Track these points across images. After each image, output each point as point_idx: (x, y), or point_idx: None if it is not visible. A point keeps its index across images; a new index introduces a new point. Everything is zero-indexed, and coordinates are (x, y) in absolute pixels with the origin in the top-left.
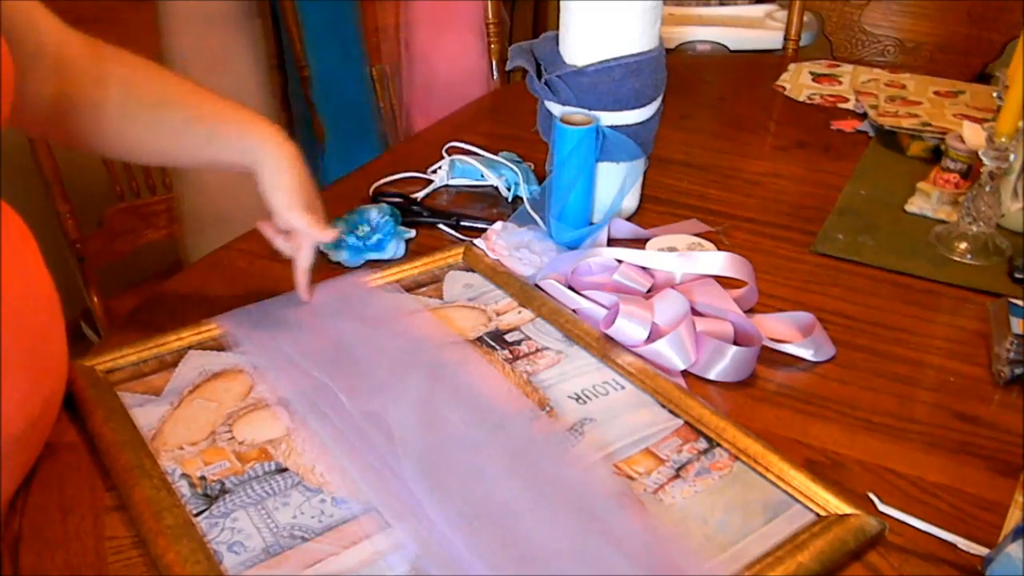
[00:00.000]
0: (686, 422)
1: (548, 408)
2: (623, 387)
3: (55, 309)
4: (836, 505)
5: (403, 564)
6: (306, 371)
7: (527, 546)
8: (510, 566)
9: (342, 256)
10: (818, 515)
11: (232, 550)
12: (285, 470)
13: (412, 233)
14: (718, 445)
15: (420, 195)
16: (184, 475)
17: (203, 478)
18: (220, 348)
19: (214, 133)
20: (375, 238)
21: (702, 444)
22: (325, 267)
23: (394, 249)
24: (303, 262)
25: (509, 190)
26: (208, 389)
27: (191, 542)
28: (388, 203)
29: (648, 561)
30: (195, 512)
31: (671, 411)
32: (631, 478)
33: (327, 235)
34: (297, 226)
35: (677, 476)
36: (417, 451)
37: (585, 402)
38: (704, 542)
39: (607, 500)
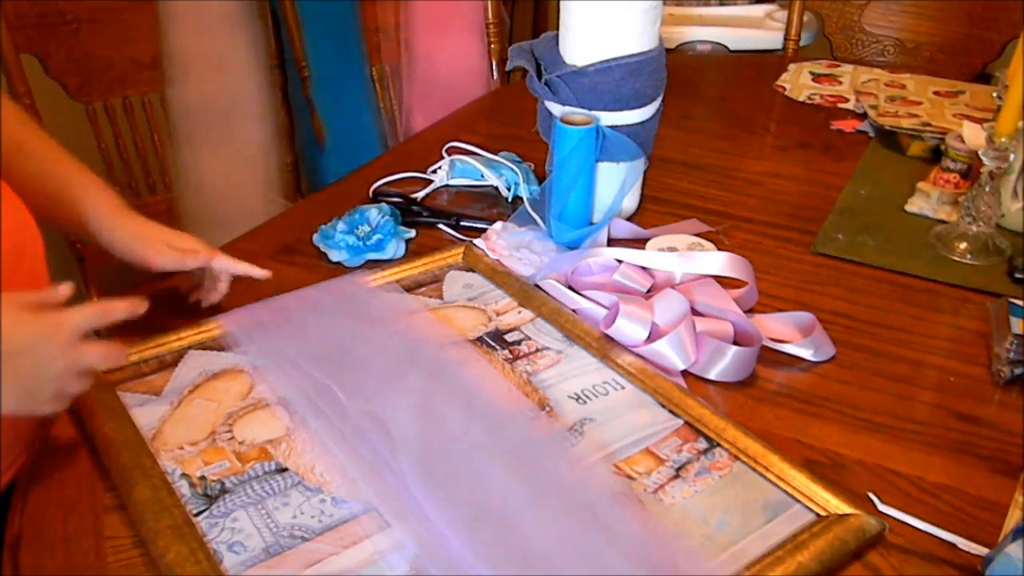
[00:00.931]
0: (686, 422)
1: (548, 408)
2: (623, 387)
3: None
4: (836, 505)
5: (403, 564)
6: (306, 371)
7: (527, 546)
8: (510, 566)
9: (342, 256)
10: (818, 515)
11: (232, 550)
12: (285, 470)
13: (412, 233)
14: (718, 445)
15: (420, 195)
16: (184, 475)
17: (203, 478)
18: (220, 348)
19: (61, 196)
20: (375, 238)
21: (702, 444)
22: (325, 267)
23: (394, 249)
24: (224, 281)
25: (509, 190)
26: (208, 389)
27: (191, 542)
28: (388, 203)
29: (648, 561)
30: (195, 512)
31: (671, 411)
32: (631, 478)
33: (209, 258)
34: (175, 267)
35: (677, 476)
36: (417, 451)
37: (585, 402)
38: (704, 542)
39: (607, 500)
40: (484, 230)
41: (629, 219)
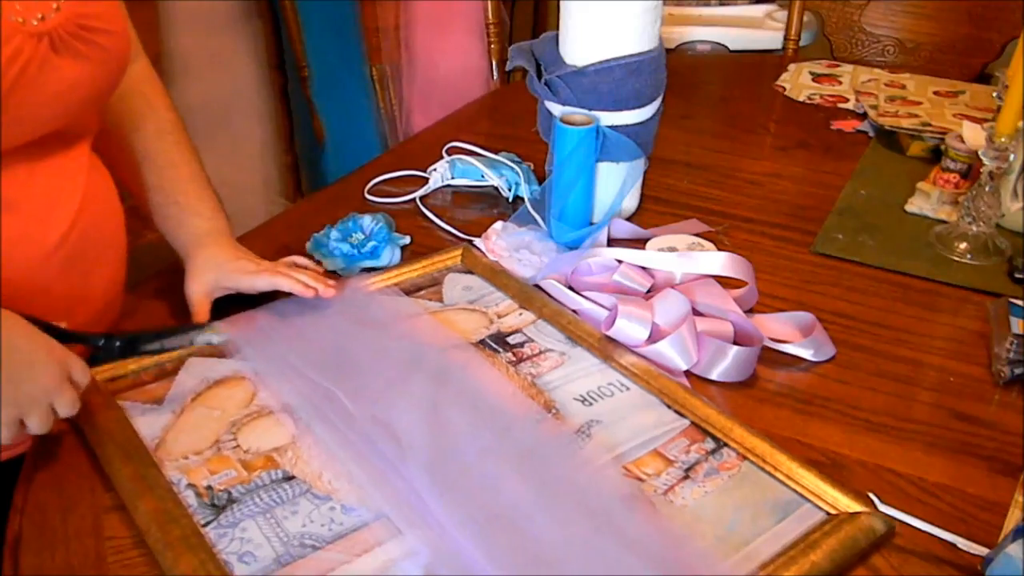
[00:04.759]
0: (692, 422)
1: (554, 410)
2: (628, 388)
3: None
4: (845, 504)
5: (416, 570)
6: (309, 376)
7: (539, 549)
8: (523, 569)
9: (337, 264)
10: (828, 514)
11: (243, 560)
12: (292, 478)
13: (407, 239)
14: (725, 445)
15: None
16: (190, 485)
17: (210, 487)
18: (220, 355)
19: (164, 212)
20: (370, 245)
21: (709, 444)
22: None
23: (389, 255)
24: (290, 284)
25: (509, 190)
26: (210, 397)
27: (201, 553)
28: None
29: (662, 563)
30: (203, 522)
31: (677, 411)
32: (641, 480)
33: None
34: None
35: (686, 477)
36: (425, 456)
37: (591, 404)
38: (717, 543)
39: (618, 502)
40: None
41: (629, 219)
